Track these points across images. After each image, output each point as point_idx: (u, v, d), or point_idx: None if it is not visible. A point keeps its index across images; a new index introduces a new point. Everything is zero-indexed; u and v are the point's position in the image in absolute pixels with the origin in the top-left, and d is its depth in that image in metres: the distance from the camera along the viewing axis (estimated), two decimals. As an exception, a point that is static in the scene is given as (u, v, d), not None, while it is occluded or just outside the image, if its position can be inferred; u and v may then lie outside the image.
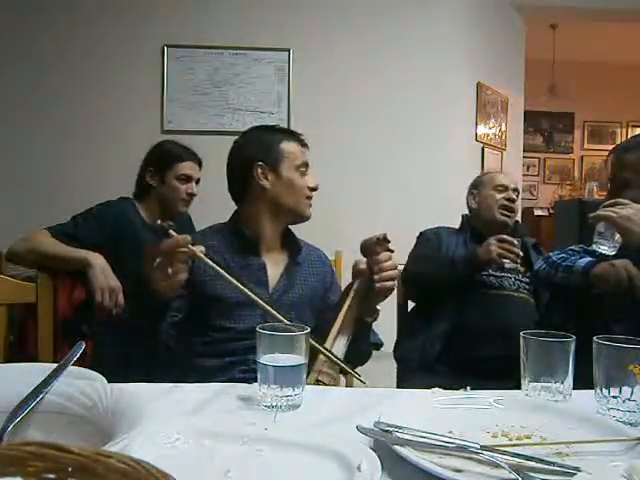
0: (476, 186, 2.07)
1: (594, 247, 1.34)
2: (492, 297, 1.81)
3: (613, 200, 1.34)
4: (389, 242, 1.20)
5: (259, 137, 1.40)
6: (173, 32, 3.57)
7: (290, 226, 1.43)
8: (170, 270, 1.03)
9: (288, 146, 1.36)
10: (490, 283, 1.83)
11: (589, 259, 1.50)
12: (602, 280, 1.41)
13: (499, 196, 1.97)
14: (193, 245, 1.04)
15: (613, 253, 1.32)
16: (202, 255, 1.06)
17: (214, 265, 1.08)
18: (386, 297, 1.23)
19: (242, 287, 1.11)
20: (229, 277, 1.10)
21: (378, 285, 1.17)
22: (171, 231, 1.03)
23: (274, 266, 1.36)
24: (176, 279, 1.04)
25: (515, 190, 2.00)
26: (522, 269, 1.91)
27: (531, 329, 0.96)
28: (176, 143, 2.03)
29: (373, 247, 1.19)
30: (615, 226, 1.29)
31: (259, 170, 1.34)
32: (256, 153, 1.36)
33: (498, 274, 1.85)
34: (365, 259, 1.21)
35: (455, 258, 1.82)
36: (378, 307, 1.26)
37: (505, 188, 1.99)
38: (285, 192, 1.35)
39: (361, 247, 1.22)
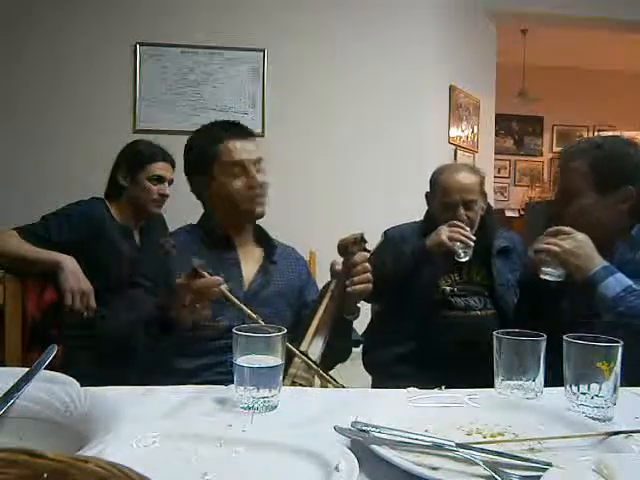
0: (431, 189, 1.86)
1: (541, 276, 1.31)
2: (457, 319, 1.73)
3: (555, 228, 1.31)
4: (366, 242, 1.20)
5: (195, 145, 1.40)
6: (146, 30, 3.52)
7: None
8: (198, 306, 1.08)
9: (217, 148, 1.34)
10: (455, 304, 1.74)
11: None
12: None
13: (447, 217, 1.73)
14: (222, 283, 1.09)
15: (561, 279, 1.30)
16: (228, 293, 1.10)
17: (235, 300, 1.12)
18: (362, 298, 1.24)
19: (260, 320, 1.11)
20: (248, 311, 1.12)
21: (349, 289, 1.17)
22: (204, 272, 1.07)
23: (250, 263, 1.36)
24: (203, 315, 1.09)
25: (470, 202, 1.74)
26: (484, 282, 1.78)
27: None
28: (149, 143, 2.00)
29: (350, 247, 1.19)
30: (558, 260, 1.27)
31: (198, 182, 1.38)
32: (194, 163, 1.39)
33: (462, 293, 1.76)
34: (342, 259, 1.21)
35: (404, 251, 1.72)
36: (359, 305, 1.26)
37: (454, 204, 1.74)
38: (220, 198, 1.35)
39: (338, 247, 1.21)
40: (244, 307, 1.12)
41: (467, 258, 1.67)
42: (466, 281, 1.78)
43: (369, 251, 1.21)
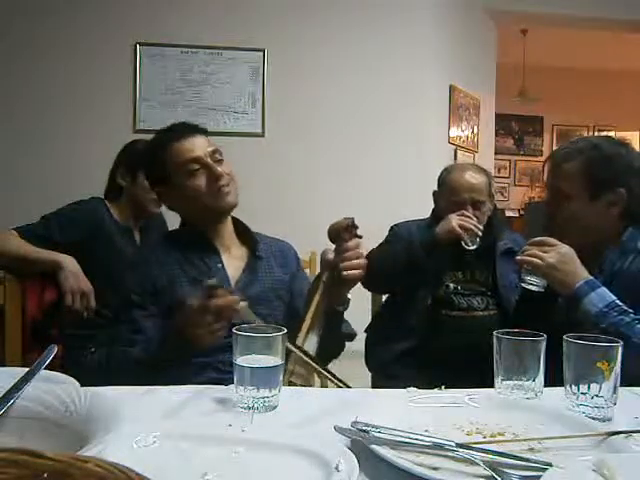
0: (440, 184, 1.87)
1: (523, 285, 1.31)
2: (459, 319, 1.72)
3: (539, 239, 1.30)
4: (357, 228, 1.18)
5: (148, 161, 1.40)
6: (146, 30, 3.52)
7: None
8: (216, 326, 1.04)
9: (166, 154, 1.31)
10: (458, 304, 1.73)
11: None
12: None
13: (454, 217, 1.72)
14: (240, 301, 1.06)
15: (543, 290, 1.30)
16: (247, 310, 1.08)
17: (256, 317, 1.11)
18: (353, 285, 1.20)
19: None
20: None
21: (344, 273, 1.14)
22: (221, 290, 1.05)
23: (235, 262, 1.35)
24: (219, 335, 1.06)
25: (478, 202, 1.76)
26: (488, 282, 1.78)
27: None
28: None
29: (341, 233, 1.16)
30: (541, 273, 1.27)
31: (159, 193, 1.37)
32: (154, 177, 1.38)
33: (466, 292, 1.75)
34: (333, 247, 1.18)
35: (413, 239, 1.74)
36: (349, 296, 1.23)
37: (462, 203, 1.75)
38: (184, 201, 1.33)
39: (328, 232, 1.19)
40: (262, 322, 1.10)
41: (474, 247, 1.70)
42: (470, 280, 1.78)
43: (360, 237, 1.18)
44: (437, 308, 1.74)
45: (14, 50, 3.38)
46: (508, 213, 6.74)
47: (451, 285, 1.76)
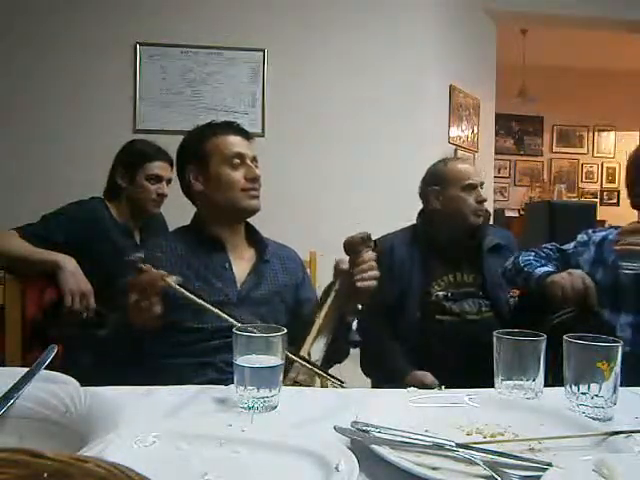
0: (438, 182, 1.79)
1: (624, 271, 1.37)
2: (452, 325, 1.67)
3: (632, 227, 1.41)
4: (372, 241, 1.20)
5: (190, 138, 1.41)
6: (146, 30, 3.52)
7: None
8: (145, 304, 1.04)
9: (216, 140, 1.35)
10: (450, 310, 1.68)
11: (547, 269, 1.53)
12: (558, 287, 1.42)
13: (470, 199, 1.72)
14: (167, 276, 1.05)
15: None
16: (176, 285, 1.06)
17: (189, 294, 1.09)
18: (366, 297, 1.22)
19: (215, 309, 1.10)
20: (204, 303, 1.10)
21: (359, 284, 1.16)
22: (145, 267, 1.04)
23: (242, 264, 1.36)
24: (152, 312, 1.05)
25: (482, 184, 1.79)
26: (477, 282, 1.73)
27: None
28: (147, 142, 2.00)
29: (357, 246, 1.19)
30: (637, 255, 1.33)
31: (192, 174, 1.36)
32: (187, 156, 1.39)
33: (457, 297, 1.70)
34: (347, 258, 1.20)
35: (395, 255, 1.73)
36: (359, 306, 1.26)
37: (474, 187, 1.74)
38: (217, 189, 1.33)
39: (344, 245, 1.21)
40: (203, 302, 1.09)
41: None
42: (459, 283, 1.73)
43: (375, 250, 1.21)
44: (429, 316, 1.69)
45: (14, 50, 3.38)
46: (508, 213, 6.74)
47: (440, 294, 1.70)
